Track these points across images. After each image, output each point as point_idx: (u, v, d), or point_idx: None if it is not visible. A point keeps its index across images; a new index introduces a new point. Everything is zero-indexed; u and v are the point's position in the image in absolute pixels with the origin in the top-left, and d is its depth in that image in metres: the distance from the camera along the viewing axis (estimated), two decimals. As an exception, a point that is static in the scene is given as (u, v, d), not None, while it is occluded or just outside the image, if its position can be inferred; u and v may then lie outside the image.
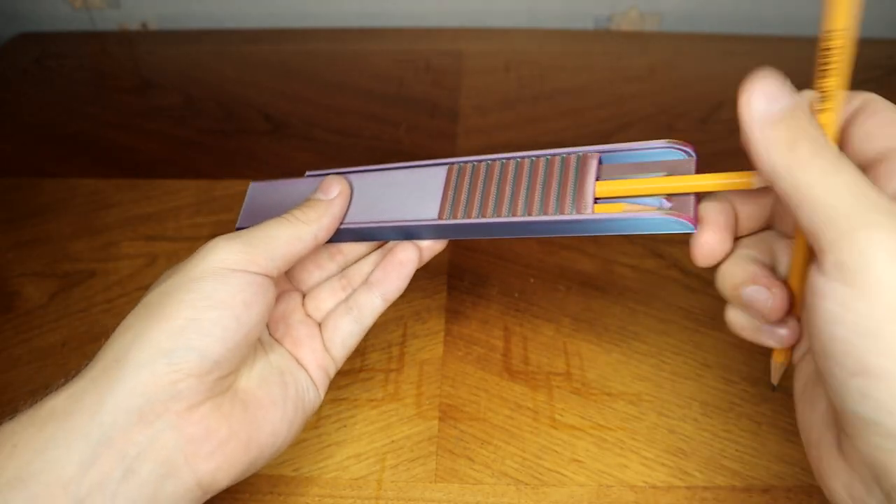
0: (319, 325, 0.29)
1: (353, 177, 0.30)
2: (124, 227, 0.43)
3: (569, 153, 0.26)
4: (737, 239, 0.25)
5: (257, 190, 0.32)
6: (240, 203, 0.32)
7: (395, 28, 0.64)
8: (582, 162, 0.25)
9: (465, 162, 0.28)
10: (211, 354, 0.23)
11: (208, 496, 0.24)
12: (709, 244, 0.23)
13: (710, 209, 0.24)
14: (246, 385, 0.25)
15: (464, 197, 0.27)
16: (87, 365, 0.23)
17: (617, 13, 0.63)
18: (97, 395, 0.22)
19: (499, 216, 0.26)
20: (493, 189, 0.27)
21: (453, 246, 0.41)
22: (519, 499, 0.29)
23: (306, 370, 0.27)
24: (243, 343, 0.24)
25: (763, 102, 0.19)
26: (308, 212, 0.27)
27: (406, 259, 0.28)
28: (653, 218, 0.23)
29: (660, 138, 0.26)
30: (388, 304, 0.29)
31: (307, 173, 0.31)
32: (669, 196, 0.24)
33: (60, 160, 0.49)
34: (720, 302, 0.25)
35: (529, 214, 0.25)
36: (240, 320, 0.24)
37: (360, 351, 0.29)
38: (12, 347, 0.36)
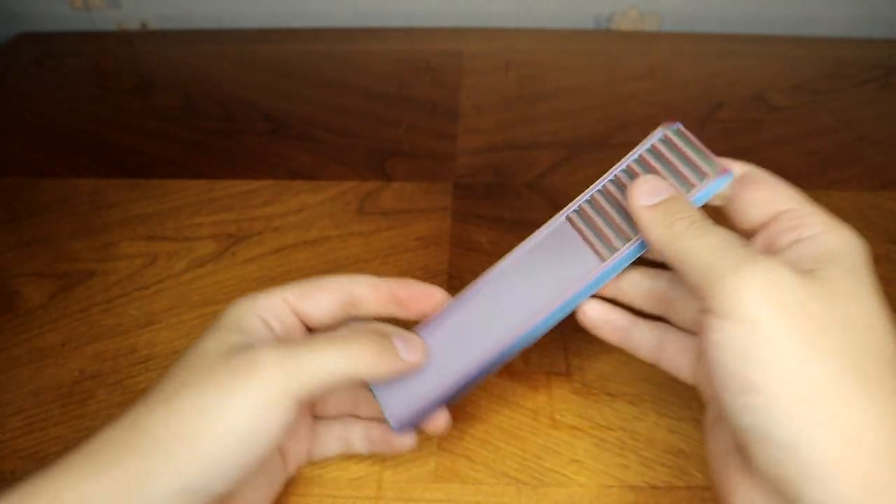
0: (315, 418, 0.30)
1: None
2: (124, 227, 0.43)
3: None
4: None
5: None
6: (240, 202, 0.32)
7: (395, 28, 0.64)
8: None
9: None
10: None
11: None
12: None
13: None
14: None
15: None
16: None
17: (617, 13, 0.63)
18: None
19: None
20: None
21: (453, 246, 0.41)
22: (519, 499, 0.29)
23: (284, 459, 0.28)
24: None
25: (645, 197, 0.24)
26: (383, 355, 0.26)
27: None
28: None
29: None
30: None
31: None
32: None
33: (60, 160, 0.49)
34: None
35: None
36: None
37: (361, 351, 0.29)
38: (12, 347, 0.36)
